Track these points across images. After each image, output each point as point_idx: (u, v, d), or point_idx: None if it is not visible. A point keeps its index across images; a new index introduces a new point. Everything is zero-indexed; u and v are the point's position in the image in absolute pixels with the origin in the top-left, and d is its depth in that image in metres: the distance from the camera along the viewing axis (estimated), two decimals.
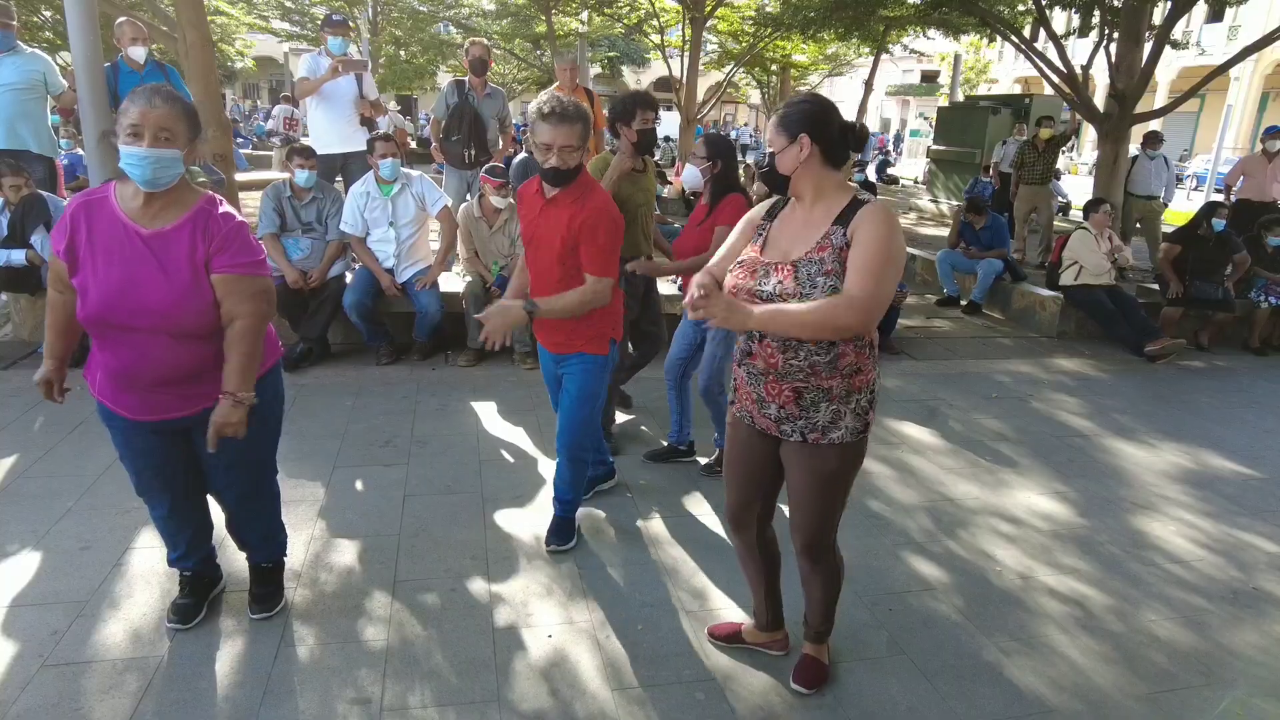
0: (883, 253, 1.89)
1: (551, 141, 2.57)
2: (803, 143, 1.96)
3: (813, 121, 1.96)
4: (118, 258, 2.05)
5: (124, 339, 2.10)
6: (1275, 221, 6.89)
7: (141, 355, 2.11)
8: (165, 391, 2.18)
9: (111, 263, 2.05)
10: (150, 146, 1.98)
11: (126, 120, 1.99)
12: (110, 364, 2.15)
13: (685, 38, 16.32)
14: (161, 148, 2.00)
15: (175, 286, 2.06)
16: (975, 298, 7.28)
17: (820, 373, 2.00)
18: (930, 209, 13.99)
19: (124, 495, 3.26)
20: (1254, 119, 27.94)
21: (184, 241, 2.09)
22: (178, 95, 2.06)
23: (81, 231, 2.06)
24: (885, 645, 2.65)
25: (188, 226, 2.10)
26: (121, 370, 2.14)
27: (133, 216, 2.08)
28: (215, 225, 2.12)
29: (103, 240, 2.06)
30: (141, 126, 1.98)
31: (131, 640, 2.47)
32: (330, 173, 5.88)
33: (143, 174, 2.01)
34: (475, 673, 2.41)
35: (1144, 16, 8.27)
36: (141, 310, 2.05)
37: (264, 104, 37.47)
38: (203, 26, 6.90)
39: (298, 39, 24.29)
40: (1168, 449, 4.47)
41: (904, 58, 26.12)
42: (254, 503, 2.54)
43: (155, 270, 2.05)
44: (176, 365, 2.14)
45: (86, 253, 2.06)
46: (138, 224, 2.07)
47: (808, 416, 2.04)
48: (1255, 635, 2.83)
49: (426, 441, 3.99)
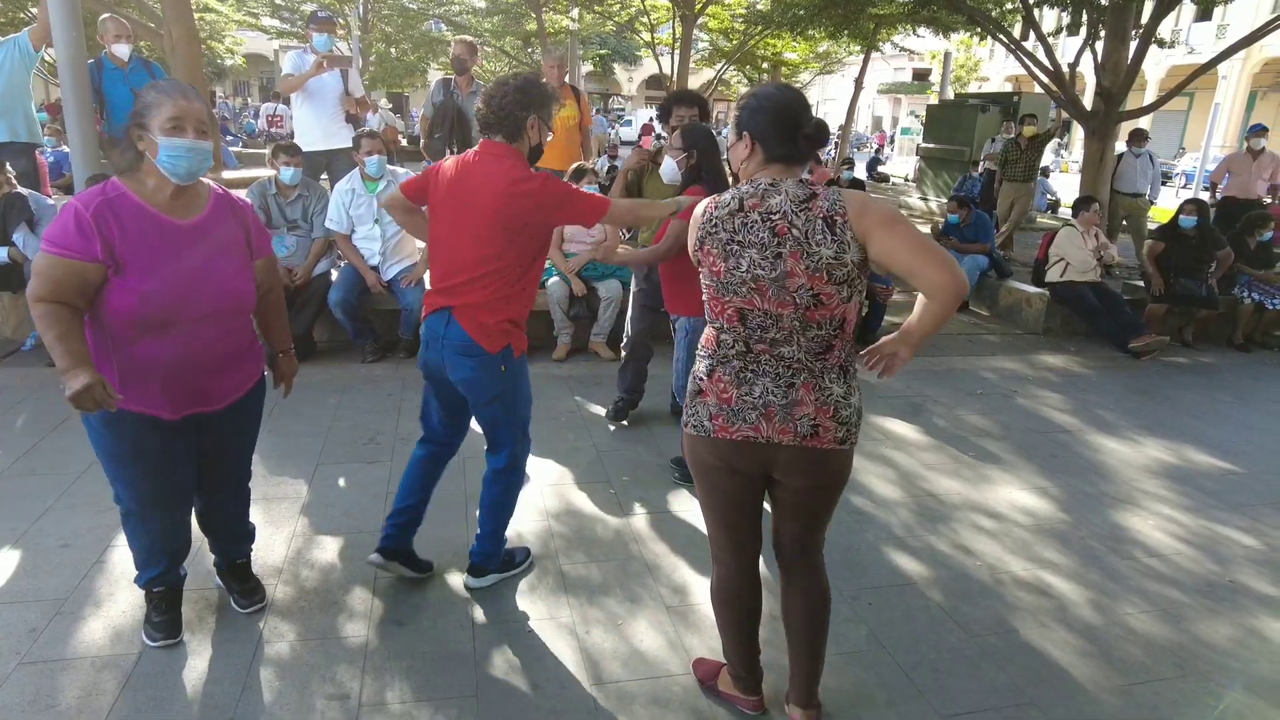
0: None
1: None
2: (746, 140, 1.92)
3: (756, 120, 1.90)
4: (168, 252, 2.06)
5: (177, 332, 2.11)
6: (1260, 219, 6.95)
7: (193, 344, 2.15)
8: (214, 377, 2.25)
9: (164, 259, 2.05)
10: (196, 139, 2.02)
11: (163, 114, 1.99)
12: (159, 361, 2.11)
13: (676, 35, 16.36)
14: (203, 140, 2.04)
15: (226, 269, 2.16)
16: None
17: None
18: (920, 206, 14.03)
19: (105, 493, 3.22)
20: (1241, 117, 28.09)
21: (224, 227, 2.19)
22: (198, 92, 2.09)
23: (114, 232, 2.00)
24: (865, 639, 2.66)
25: (220, 213, 2.19)
26: (173, 365, 2.13)
27: (164, 210, 2.08)
28: (245, 212, 2.29)
29: (140, 238, 2.03)
30: (183, 120, 2.00)
31: (110, 638, 2.47)
32: (315, 170, 5.87)
33: (188, 166, 2.04)
34: (454, 668, 2.42)
35: (1130, 15, 8.32)
36: (203, 298, 2.11)
37: (254, 101, 37.34)
38: (189, 23, 6.90)
39: (288, 36, 24.22)
40: (1150, 444, 4.50)
41: (895, 56, 26.15)
42: (242, 495, 2.61)
43: (206, 257, 2.12)
44: (227, 347, 2.25)
45: (128, 252, 2.01)
46: (173, 217, 2.09)
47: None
48: (1229, 628, 2.86)
49: (410, 439, 3.93)
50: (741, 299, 1.87)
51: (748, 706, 2.27)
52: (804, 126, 1.87)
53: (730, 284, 1.87)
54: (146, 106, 2.01)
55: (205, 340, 2.17)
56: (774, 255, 1.82)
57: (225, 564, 2.68)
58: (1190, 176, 19.93)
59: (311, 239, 5.00)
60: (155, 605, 2.49)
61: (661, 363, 4.34)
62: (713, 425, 1.95)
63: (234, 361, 2.30)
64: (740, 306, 1.88)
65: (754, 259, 1.84)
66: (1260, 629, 2.86)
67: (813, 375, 1.89)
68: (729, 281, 1.88)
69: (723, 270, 1.88)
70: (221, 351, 2.24)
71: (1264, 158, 8.47)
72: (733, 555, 2.12)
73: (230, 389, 2.32)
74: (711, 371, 1.96)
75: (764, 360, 1.90)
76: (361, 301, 5.02)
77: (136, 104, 2.05)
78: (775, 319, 1.86)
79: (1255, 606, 3.00)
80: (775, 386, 1.89)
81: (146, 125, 2.01)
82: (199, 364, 2.19)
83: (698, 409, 1.99)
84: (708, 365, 1.97)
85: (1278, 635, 2.84)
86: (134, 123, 2.03)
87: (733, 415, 1.93)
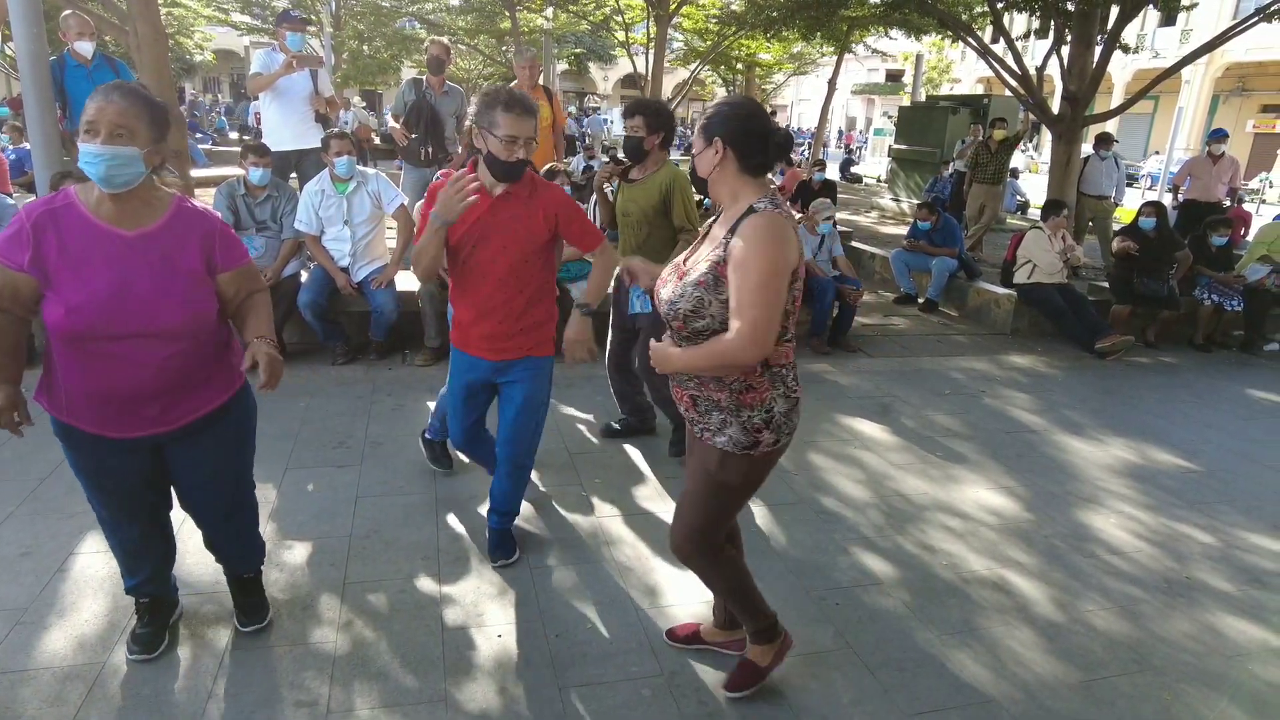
0: (756, 275, 1.85)
1: (519, 134, 2.51)
2: (717, 146, 1.96)
3: (728, 126, 1.95)
4: (103, 264, 1.94)
5: (113, 349, 1.98)
6: (1220, 222, 7.11)
7: (132, 364, 2.00)
8: (154, 403, 2.08)
9: (97, 271, 1.93)
10: (105, 144, 1.87)
11: (83, 118, 1.89)
12: (94, 379, 2.01)
13: (650, 35, 16.36)
14: (117, 145, 1.88)
15: (172, 286, 1.99)
16: (931, 295, 7.41)
17: (708, 384, 2.05)
18: (892, 207, 14.17)
19: (68, 500, 3.21)
20: (1205, 120, 28.71)
21: (172, 240, 2.02)
22: (140, 92, 1.96)
23: (50, 243, 1.91)
24: (831, 639, 2.70)
25: (174, 226, 2.03)
26: (109, 384, 2.02)
27: (107, 220, 1.96)
28: (207, 225, 2.09)
29: (78, 249, 1.93)
30: (97, 123, 1.87)
31: (74, 648, 2.43)
32: (285, 170, 5.81)
33: (97, 172, 1.89)
34: (424, 673, 2.42)
35: (1095, 21, 8.47)
36: (138, 314, 1.96)
37: (225, 98, 36.78)
38: (155, 19, 6.79)
39: (259, 32, 23.89)
40: (1114, 443, 4.59)
41: (868, 57, 26.39)
42: (236, 519, 2.46)
43: (147, 272, 1.97)
44: (173, 370, 2.06)
45: (61, 264, 1.92)
46: (115, 227, 1.97)
47: (704, 420, 2.10)
48: (1186, 623, 2.93)
49: (381, 442, 3.97)
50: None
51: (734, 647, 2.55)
52: (773, 134, 1.96)
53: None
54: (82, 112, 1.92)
55: (144, 360, 2.01)
56: None
57: (229, 577, 2.60)
58: (1156, 178, 20.31)
59: (281, 240, 4.95)
60: (139, 615, 2.45)
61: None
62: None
63: (183, 385, 2.11)
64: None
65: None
66: (1215, 624, 2.94)
67: None
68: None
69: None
70: (166, 373, 2.05)
71: (1224, 162, 8.67)
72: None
73: (182, 412, 2.15)
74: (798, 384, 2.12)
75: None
76: (332, 303, 4.98)
77: None
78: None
79: (1211, 603, 3.08)
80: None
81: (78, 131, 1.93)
82: (137, 385, 2.03)
83: (793, 420, 2.09)
84: (794, 376, 2.09)
85: (1232, 630, 2.91)
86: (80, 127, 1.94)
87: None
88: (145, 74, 6.67)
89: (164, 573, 2.47)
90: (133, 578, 2.41)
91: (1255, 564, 3.39)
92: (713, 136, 1.96)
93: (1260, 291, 6.74)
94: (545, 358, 2.86)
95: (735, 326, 1.86)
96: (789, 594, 2.92)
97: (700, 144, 2.00)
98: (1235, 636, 2.88)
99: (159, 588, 2.47)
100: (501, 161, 2.54)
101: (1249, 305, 6.77)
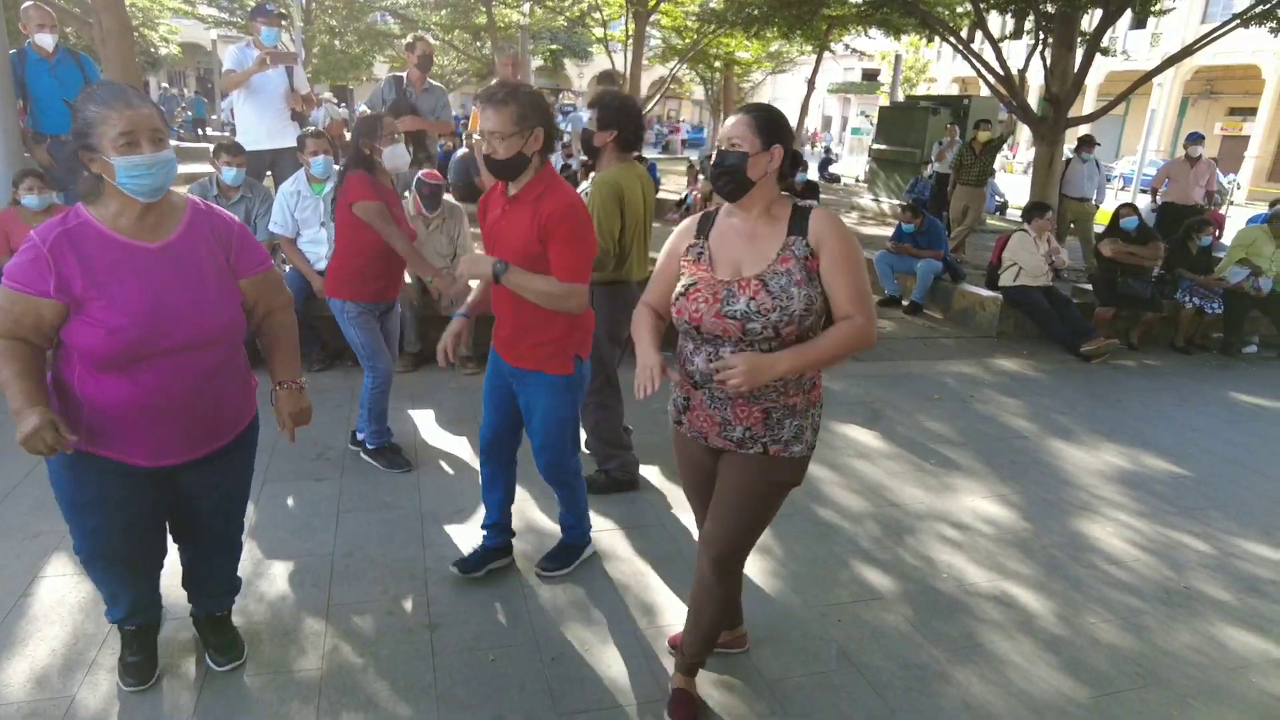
0: (856, 262, 1.95)
1: (484, 129, 2.38)
2: (774, 153, 1.93)
3: (786, 134, 1.95)
4: (134, 280, 1.84)
5: (156, 366, 1.89)
6: (1200, 224, 7.16)
7: (176, 378, 1.92)
8: (198, 417, 2.01)
9: (130, 288, 1.83)
10: (154, 151, 1.78)
11: (112, 129, 1.73)
12: (139, 399, 1.90)
13: (628, 32, 16.25)
14: (162, 150, 1.80)
15: (203, 293, 1.92)
16: (916, 298, 7.39)
17: (789, 390, 1.98)
18: (872, 208, 14.19)
19: (33, 518, 3.05)
20: (1175, 122, 29.23)
21: (198, 247, 1.94)
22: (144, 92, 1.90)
23: (71, 266, 1.79)
24: (834, 658, 2.62)
25: (195, 231, 1.95)
26: (153, 401, 1.91)
27: (130, 234, 1.86)
28: (224, 227, 2.01)
29: (105, 269, 1.82)
30: (136, 132, 1.75)
31: (36, 682, 2.28)
32: (259, 170, 5.62)
33: (153, 183, 1.80)
34: (415, 701, 2.30)
35: (1076, 24, 8.51)
36: (179, 326, 1.88)
37: (191, 92, 36.04)
38: (120, 11, 6.57)
39: (227, 25, 23.41)
40: (1104, 449, 4.58)
41: (845, 56, 26.49)
42: (229, 551, 2.37)
43: (179, 282, 1.89)
44: (213, 383, 2.00)
45: (88, 286, 1.80)
46: (140, 240, 1.86)
47: (773, 433, 2.00)
48: (1188, 635, 2.90)
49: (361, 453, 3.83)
50: None
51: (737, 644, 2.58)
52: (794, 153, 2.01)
53: None
54: (90, 123, 1.75)
55: (186, 375, 1.94)
56: None
57: (202, 615, 2.44)
58: (1129, 179, 20.58)
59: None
60: (128, 644, 2.30)
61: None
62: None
63: (222, 399, 2.05)
64: None
65: None
66: (1217, 636, 2.91)
67: None
68: None
69: None
70: (206, 387, 1.99)
71: (1201, 165, 8.75)
72: None
73: (218, 431, 2.08)
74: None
75: None
76: (307, 307, 4.81)
77: (76, 121, 1.78)
78: None
79: (1210, 613, 3.05)
80: None
81: (94, 145, 1.75)
82: (179, 402, 1.95)
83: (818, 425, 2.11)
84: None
85: (1233, 641, 2.88)
86: (79, 144, 1.77)
87: None
88: (110, 68, 6.45)
89: (152, 600, 2.32)
90: (118, 608, 2.25)
91: (1251, 572, 3.37)
92: (773, 142, 1.92)
93: (1240, 294, 6.80)
94: (559, 375, 2.63)
95: (859, 317, 1.92)
96: (789, 610, 2.85)
97: (757, 145, 1.91)
98: (1237, 648, 2.85)
99: (146, 615, 2.31)
100: (485, 157, 2.45)
101: (1228, 308, 6.83)
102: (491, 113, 2.36)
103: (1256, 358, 6.95)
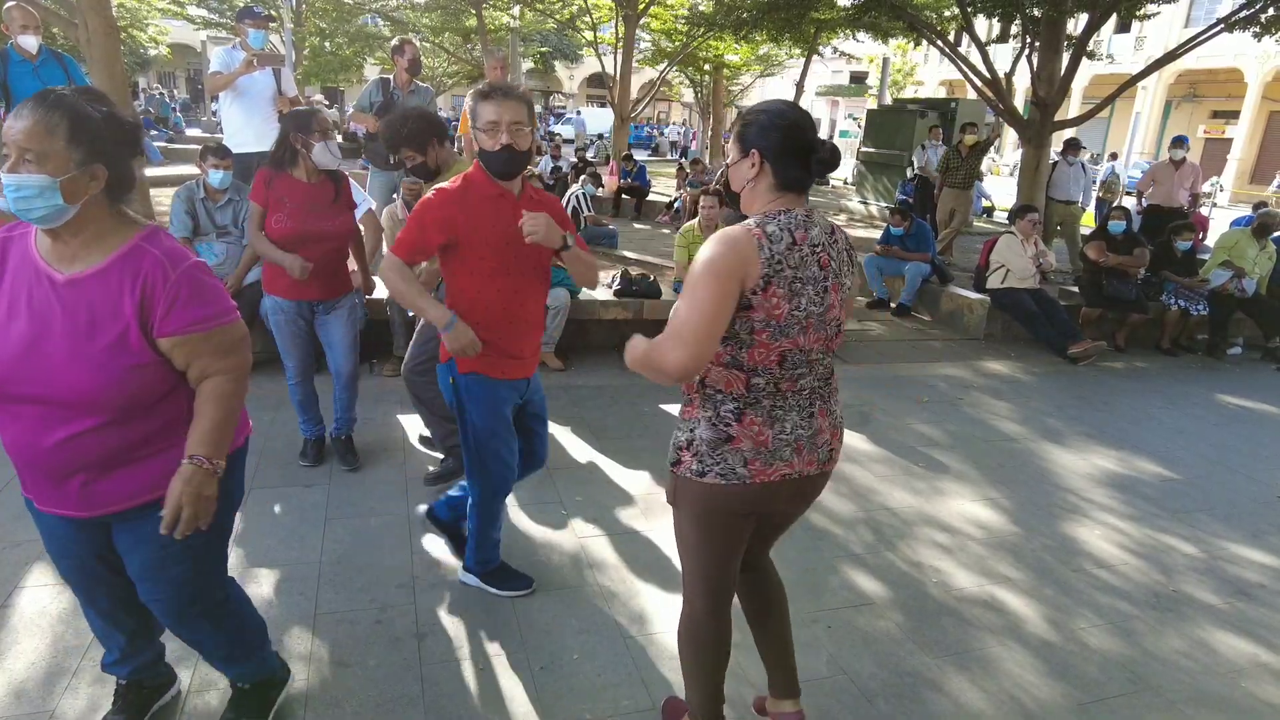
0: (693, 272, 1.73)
1: (498, 118, 2.33)
2: (753, 158, 1.77)
3: (769, 137, 1.74)
4: (24, 309, 1.61)
5: (23, 411, 1.65)
6: (1184, 227, 7.21)
7: (40, 433, 1.65)
8: (68, 481, 1.71)
9: (16, 314, 1.61)
10: (9, 171, 1.52)
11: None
12: (9, 440, 1.70)
13: (618, 35, 16.25)
14: (21, 173, 1.51)
15: (87, 348, 1.60)
16: (904, 300, 7.41)
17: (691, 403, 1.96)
18: (860, 210, 14.22)
19: (14, 527, 3.00)
20: (1159, 125, 29.47)
21: (105, 291, 1.62)
22: (62, 102, 1.55)
23: None
24: (825, 665, 2.61)
25: (113, 272, 1.63)
26: (16, 450, 1.71)
27: (46, 258, 1.64)
28: (158, 275, 1.64)
29: (11, 287, 1.63)
30: (6, 145, 1.54)
31: (14, 696, 2.24)
32: (246, 173, 5.57)
33: (21, 207, 1.54)
34: (402, 712, 2.28)
35: (1063, 28, 8.55)
36: (38, 376, 1.60)
37: (181, 93, 35.82)
38: (106, 12, 6.49)
39: (216, 26, 23.27)
40: (1093, 451, 4.59)
41: (833, 59, 26.57)
42: (193, 621, 1.96)
43: (64, 327, 1.60)
44: (77, 448, 1.67)
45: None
46: (53, 267, 1.63)
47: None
48: (1177, 639, 2.91)
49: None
50: (790, 340, 1.76)
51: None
52: (817, 150, 1.75)
53: (789, 325, 1.74)
54: None
55: (47, 430, 1.65)
56: (822, 290, 1.78)
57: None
58: (1098, 179, 20.71)
59: (243, 246, 4.74)
60: (113, 698, 2.14)
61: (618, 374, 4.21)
62: (749, 471, 1.81)
63: (108, 465, 1.71)
64: (786, 349, 1.77)
65: (811, 296, 1.77)
66: (1206, 640, 2.91)
67: (824, 401, 1.90)
68: (788, 323, 1.74)
69: (785, 312, 1.73)
70: (74, 450, 1.67)
71: (1185, 168, 8.81)
72: (724, 598, 2.01)
73: (112, 498, 1.75)
74: (741, 415, 1.80)
75: (790, 396, 1.83)
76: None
77: None
78: (806, 354, 1.80)
79: (1199, 617, 3.06)
80: (801, 419, 1.85)
81: None
82: (44, 457, 1.68)
83: (728, 457, 1.81)
84: (734, 409, 1.80)
85: (1223, 646, 2.89)
86: None
87: (770, 456, 1.82)
88: (96, 70, 6.38)
89: (137, 655, 2.10)
90: (105, 653, 2.10)
91: (1239, 575, 3.38)
92: (750, 147, 1.77)
93: (1224, 296, 6.85)
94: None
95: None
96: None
97: (736, 154, 1.81)
98: (1227, 652, 2.86)
99: (135, 671, 2.12)
100: (486, 151, 2.38)
101: (1213, 310, 6.88)
102: (513, 104, 2.37)
103: (1241, 359, 7.00)
